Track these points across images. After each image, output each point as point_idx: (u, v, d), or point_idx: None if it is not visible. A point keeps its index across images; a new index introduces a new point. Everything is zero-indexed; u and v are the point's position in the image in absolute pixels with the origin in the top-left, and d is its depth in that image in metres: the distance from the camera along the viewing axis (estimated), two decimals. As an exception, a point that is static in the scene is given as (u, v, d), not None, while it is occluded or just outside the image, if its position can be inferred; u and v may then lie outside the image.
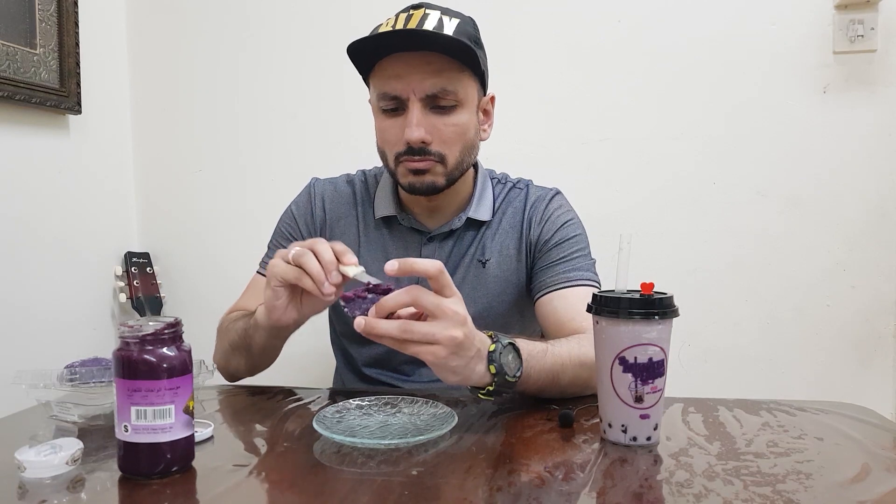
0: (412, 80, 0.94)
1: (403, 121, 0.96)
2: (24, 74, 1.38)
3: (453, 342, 0.70)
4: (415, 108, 0.95)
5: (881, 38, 1.48)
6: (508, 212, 1.09)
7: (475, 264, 1.06)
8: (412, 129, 0.94)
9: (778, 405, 0.87)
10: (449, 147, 0.98)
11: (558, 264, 1.04)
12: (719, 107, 1.55)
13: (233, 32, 1.72)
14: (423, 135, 0.95)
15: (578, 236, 1.07)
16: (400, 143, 0.97)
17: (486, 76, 1.05)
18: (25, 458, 0.64)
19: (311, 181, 1.16)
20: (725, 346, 1.57)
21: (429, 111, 0.96)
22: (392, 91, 0.96)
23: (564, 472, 0.65)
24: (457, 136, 0.98)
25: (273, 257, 0.83)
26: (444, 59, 0.94)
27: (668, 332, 0.72)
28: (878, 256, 1.52)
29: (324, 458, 0.70)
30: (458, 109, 0.98)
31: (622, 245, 0.74)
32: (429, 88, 0.95)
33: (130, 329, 0.64)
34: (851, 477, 0.64)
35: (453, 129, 0.98)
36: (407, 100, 0.95)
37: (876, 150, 1.51)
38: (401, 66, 0.95)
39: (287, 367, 1.11)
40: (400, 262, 0.70)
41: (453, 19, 0.96)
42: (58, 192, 1.51)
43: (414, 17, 0.94)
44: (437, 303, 0.70)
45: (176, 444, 0.64)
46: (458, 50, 0.94)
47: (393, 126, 0.98)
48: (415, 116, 0.95)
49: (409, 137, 0.95)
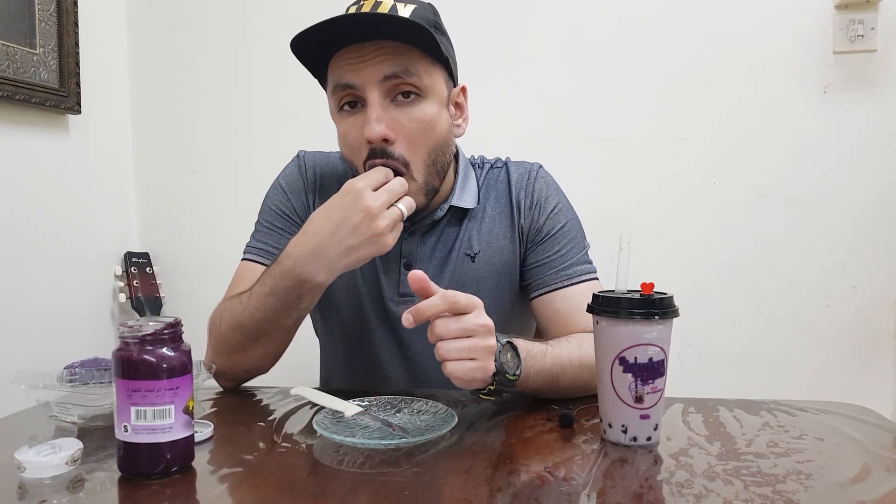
0: (367, 66, 0.84)
1: (362, 119, 0.86)
2: (24, 74, 1.38)
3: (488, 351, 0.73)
4: (373, 98, 0.85)
5: (881, 38, 1.48)
6: (492, 196, 1.02)
7: (463, 259, 0.99)
8: (371, 124, 0.84)
9: (778, 405, 0.87)
10: (414, 149, 0.87)
11: (554, 259, 0.99)
12: (719, 106, 1.55)
13: (232, 32, 1.72)
14: (384, 130, 0.84)
15: (569, 222, 1.01)
16: (363, 145, 0.86)
17: (454, 65, 0.94)
18: (25, 459, 0.64)
19: (299, 153, 1.08)
20: (725, 346, 1.57)
21: (389, 104, 0.86)
22: (344, 80, 0.86)
23: (564, 472, 0.65)
24: (422, 134, 0.88)
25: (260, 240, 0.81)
26: (400, 45, 0.85)
27: (668, 332, 0.72)
28: (878, 256, 1.52)
29: (324, 458, 0.70)
30: (423, 101, 0.87)
31: (622, 245, 0.73)
32: (386, 69, 0.84)
33: (130, 329, 0.64)
34: (852, 477, 0.64)
35: (418, 125, 0.87)
36: (362, 87, 0.85)
37: (876, 150, 1.51)
38: (352, 55, 0.85)
39: (287, 366, 1.11)
40: (413, 314, 0.73)
41: (408, 5, 0.87)
42: (58, 192, 1.51)
43: (365, 5, 0.87)
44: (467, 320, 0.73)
45: (176, 445, 0.64)
46: (414, 35, 0.84)
47: (353, 126, 0.88)
48: (373, 109, 0.84)
49: (367, 135, 0.84)
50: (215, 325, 0.95)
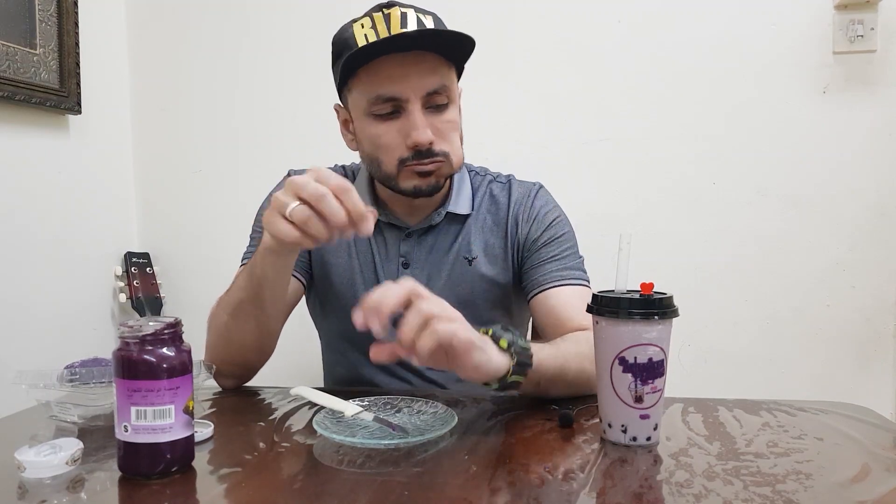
0: (411, 81, 0.93)
1: (401, 124, 0.94)
2: (24, 74, 1.38)
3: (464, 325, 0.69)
4: (416, 109, 0.93)
5: (881, 38, 1.48)
6: (492, 207, 1.08)
7: (461, 261, 1.05)
8: (420, 131, 0.93)
9: (778, 405, 0.87)
10: (450, 144, 0.97)
11: (550, 262, 1.03)
12: (719, 107, 1.55)
13: (232, 33, 1.72)
14: (430, 135, 0.94)
15: (567, 233, 1.07)
16: (401, 147, 0.95)
17: None
18: (25, 458, 0.64)
19: (290, 172, 1.11)
20: (725, 346, 1.57)
21: (426, 111, 0.95)
22: (389, 93, 0.93)
23: (564, 472, 0.65)
24: (454, 132, 0.98)
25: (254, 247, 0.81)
26: (435, 57, 0.94)
27: (668, 332, 0.72)
28: (878, 256, 1.52)
29: (324, 458, 0.70)
30: (450, 106, 0.98)
31: (622, 245, 0.73)
32: (429, 86, 0.94)
33: (130, 329, 0.64)
34: (851, 477, 0.64)
35: (449, 125, 0.97)
36: (407, 100, 0.93)
37: (876, 150, 1.51)
38: (395, 67, 0.93)
39: (287, 367, 1.11)
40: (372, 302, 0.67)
41: (427, 16, 0.95)
42: (58, 192, 1.51)
43: (393, 17, 0.93)
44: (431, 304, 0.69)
45: (176, 444, 0.64)
46: (450, 47, 0.94)
47: (389, 130, 0.95)
48: (419, 119, 0.93)
49: (419, 140, 0.93)
50: (210, 319, 0.98)
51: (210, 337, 0.98)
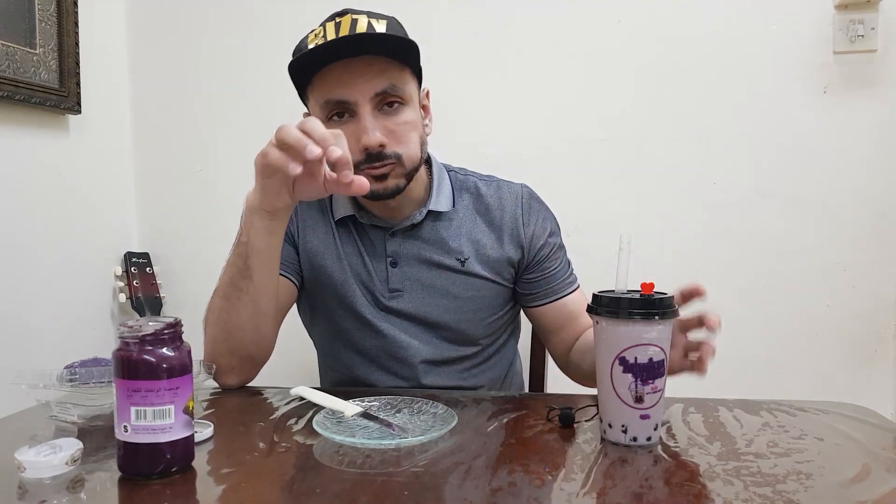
0: (358, 83, 0.93)
1: (354, 128, 0.94)
2: (24, 74, 1.38)
3: None
4: (365, 111, 0.94)
5: (881, 38, 1.48)
6: (481, 207, 1.09)
7: (452, 262, 1.06)
8: (369, 133, 0.93)
9: (778, 405, 0.87)
10: (404, 146, 0.97)
11: (558, 270, 1.10)
12: (719, 107, 1.55)
13: (232, 32, 1.72)
14: (380, 138, 0.94)
15: (560, 238, 1.13)
16: (355, 151, 0.94)
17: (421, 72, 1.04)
18: (25, 459, 0.64)
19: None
20: (725, 346, 1.56)
21: (378, 113, 0.95)
22: (337, 97, 0.94)
23: (564, 472, 0.65)
24: (408, 134, 0.98)
25: None
26: (384, 60, 0.94)
27: (668, 332, 0.72)
28: (878, 256, 1.52)
29: (324, 458, 0.70)
30: (405, 107, 0.97)
31: (622, 245, 0.74)
32: (377, 87, 0.94)
33: (130, 329, 0.64)
34: (851, 477, 0.64)
35: (404, 126, 0.97)
36: (355, 104, 0.94)
37: (876, 150, 1.51)
38: (342, 72, 0.94)
39: (287, 367, 1.11)
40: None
41: (381, 21, 0.96)
42: (58, 192, 1.51)
43: (343, 24, 0.94)
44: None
45: (176, 445, 0.64)
46: (399, 49, 0.94)
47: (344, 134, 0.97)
48: (368, 121, 0.94)
49: (368, 143, 0.93)
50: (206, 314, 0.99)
51: (207, 330, 0.98)
